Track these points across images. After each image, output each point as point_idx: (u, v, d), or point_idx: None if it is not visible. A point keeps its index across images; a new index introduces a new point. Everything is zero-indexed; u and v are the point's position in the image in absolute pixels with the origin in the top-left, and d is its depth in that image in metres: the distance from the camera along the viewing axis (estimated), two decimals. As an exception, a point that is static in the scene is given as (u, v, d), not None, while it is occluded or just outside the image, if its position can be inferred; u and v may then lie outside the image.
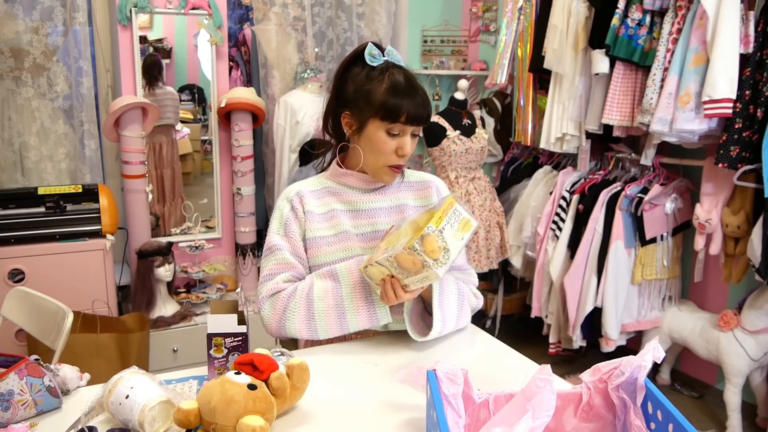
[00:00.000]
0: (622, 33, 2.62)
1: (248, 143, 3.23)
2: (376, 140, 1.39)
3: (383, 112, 1.36)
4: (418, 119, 1.38)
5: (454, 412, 0.91)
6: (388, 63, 1.41)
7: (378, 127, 1.38)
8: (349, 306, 1.36)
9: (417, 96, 1.38)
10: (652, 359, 0.91)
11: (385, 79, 1.37)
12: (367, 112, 1.38)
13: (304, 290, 1.39)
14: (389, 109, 1.35)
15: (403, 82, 1.38)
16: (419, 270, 1.21)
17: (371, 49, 1.40)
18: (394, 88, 1.36)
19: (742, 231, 2.49)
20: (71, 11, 2.95)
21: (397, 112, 1.35)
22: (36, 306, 1.89)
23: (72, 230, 2.68)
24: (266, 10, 3.38)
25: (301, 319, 1.37)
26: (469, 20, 3.94)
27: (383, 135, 1.38)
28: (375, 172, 1.45)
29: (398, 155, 1.40)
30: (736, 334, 2.50)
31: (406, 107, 1.35)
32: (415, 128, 1.40)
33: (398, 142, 1.39)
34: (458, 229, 1.25)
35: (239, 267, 3.37)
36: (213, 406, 0.95)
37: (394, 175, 1.45)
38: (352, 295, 1.36)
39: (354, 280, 1.36)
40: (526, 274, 3.37)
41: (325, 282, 1.38)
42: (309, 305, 1.37)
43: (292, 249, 1.44)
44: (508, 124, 3.56)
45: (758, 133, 2.30)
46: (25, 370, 1.09)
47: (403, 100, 1.35)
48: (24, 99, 2.99)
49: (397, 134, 1.38)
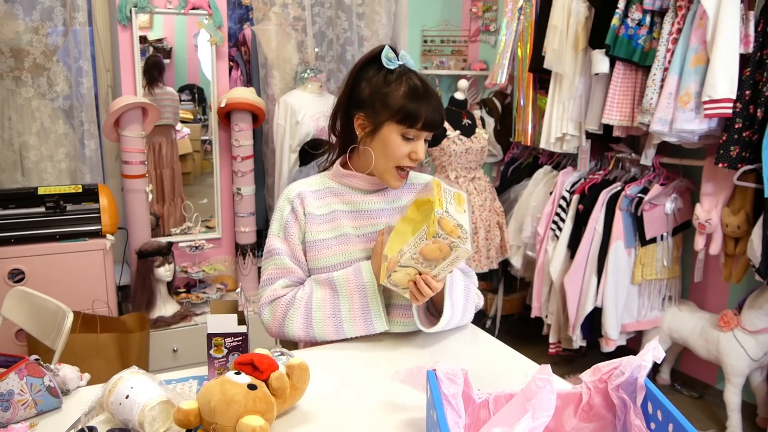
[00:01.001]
0: (622, 33, 2.62)
1: (248, 143, 3.23)
2: (391, 143, 1.39)
3: (401, 116, 1.37)
4: (434, 125, 1.39)
5: (454, 412, 0.91)
6: (405, 67, 1.41)
7: (393, 131, 1.39)
8: (346, 316, 1.38)
9: (433, 101, 1.39)
10: (652, 359, 0.91)
11: (403, 83, 1.38)
12: (384, 115, 1.38)
13: (302, 298, 1.40)
14: (408, 114, 1.36)
15: (420, 87, 1.39)
16: (447, 254, 1.21)
17: (388, 52, 1.40)
18: (413, 93, 1.37)
19: (742, 231, 2.49)
20: (71, 11, 2.95)
21: (416, 117, 1.36)
22: (36, 306, 1.89)
23: (72, 230, 2.68)
24: (266, 10, 3.38)
25: (300, 326, 1.40)
26: (469, 20, 3.94)
27: (398, 138, 1.39)
28: (383, 175, 1.44)
29: (411, 159, 1.41)
30: (736, 334, 2.50)
31: (424, 113, 1.36)
32: (429, 134, 1.42)
33: (412, 147, 1.40)
34: (456, 204, 1.27)
35: (239, 267, 3.37)
36: (213, 406, 0.95)
37: (400, 180, 1.45)
38: (349, 305, 1.38)
39: (351, 290, 1.37)
40: (526, 274, 3.37)
41: (323, 291, 1.40)
42: (307, 313, 1.39)
43: (291, 253, 1.45)
44: (508, 124, 3.56)
45: (758, 133, 2.30)
46: (25, 370, 1.09)
47: (421, 105, 1.36)
48: (24, 99, 2.99)
49: (412, 139, 1.39)
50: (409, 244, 1.24)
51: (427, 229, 1.20)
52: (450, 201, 1.25)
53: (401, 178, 1.44)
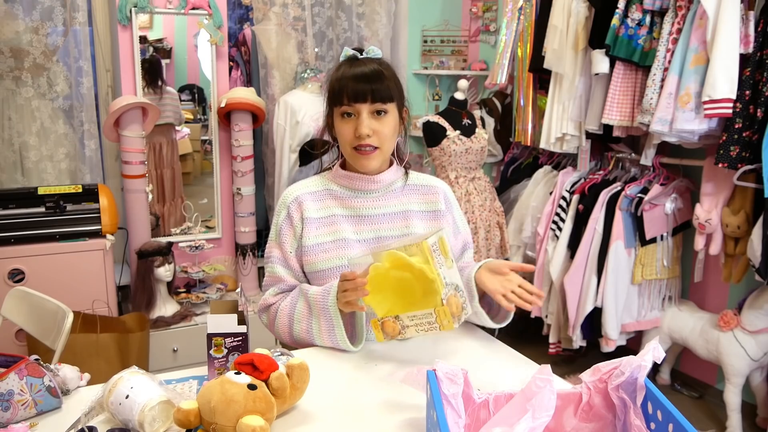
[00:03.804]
0: (622, 33, 2.62)
1: (248, 143, 3.23)
2: (339, 129, 1.40)
3: (330, 97, 1.38)
4: (361, 94, 1.34)
5: (454, 412, 0.91)
6: (355, 56, 1.40)
7: (336, 115, 1.39)
8: (317, 333, 1.38)
9: (360, 69, 1.35)
10: (652, 359, 0.91)
11: (341, 67, 1.38)
12: (329, 105, 1.41)
13: (285, 310, 1.43)
14: (333, 92, 1.37)
15: (354, 62, 1.37)
16: (459, 313, 1.22)
17: (347, 51, 1.41)
18: (342, 71, 1.37)
19: (742, 231, 2.49)
20: (71, 11, 2.95)
21: (340, 92, 1.35)
22: (36, 306, 1.89)
23: (72, 230, 2.68)
24: (266, 10, 3.38)
25: (286, 335, 1.45)
26: (469, 20, 3.94)
27: (340, 121, 1.39)
28: (351, 162, 1.44)
29: (357, 137, 1.37)
30: (736, 334, 2.50)
31: (347, 83, 1.34)
32: (372, 106, 1.36)
33: (353, 123, 1.37)
34: (444, 257, 1.23)
35: (239, 267, 3.37)
36: (213, 406, 0.95)
37: (362, 159, 1.40)
38: (318, 325, 1.37)
39: (318, 310, 1.36)
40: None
41: (303, 305, 1.40)
42: (290, 324, 1.42)
43: (283, 260, 1.46)
44: (508, 124, 3.56)
45: (758, 133, 2.30)
46: (25, 370, 1.09)
47: (345, 77, 1.35)
48: (24, 99, 2.99)
49: (351, 115, 1.37)
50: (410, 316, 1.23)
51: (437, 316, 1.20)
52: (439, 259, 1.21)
53: (361, 155, 1.39)
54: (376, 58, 1.40)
